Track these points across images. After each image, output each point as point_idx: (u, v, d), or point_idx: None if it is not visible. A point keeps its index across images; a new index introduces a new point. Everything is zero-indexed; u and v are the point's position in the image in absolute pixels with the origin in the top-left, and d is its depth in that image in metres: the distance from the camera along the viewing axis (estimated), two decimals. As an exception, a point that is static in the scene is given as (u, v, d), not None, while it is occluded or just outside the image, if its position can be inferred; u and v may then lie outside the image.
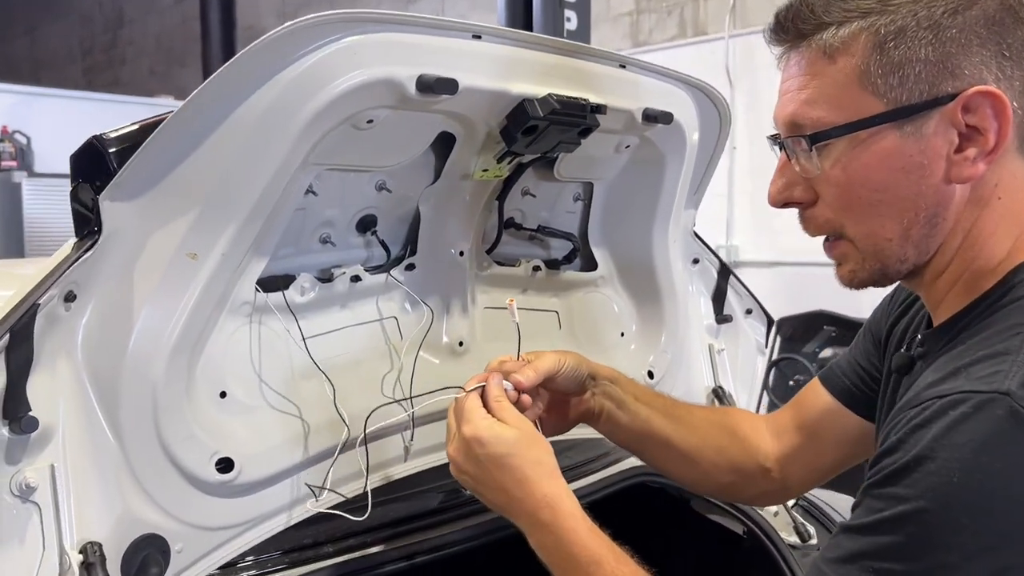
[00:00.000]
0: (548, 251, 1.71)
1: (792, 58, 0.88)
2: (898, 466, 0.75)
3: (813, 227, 0.92)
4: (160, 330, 1.05)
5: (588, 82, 1.35)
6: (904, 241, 0.86)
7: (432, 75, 1.12)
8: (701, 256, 1.88)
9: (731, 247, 5.24)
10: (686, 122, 1.54)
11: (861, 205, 0.86)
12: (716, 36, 5.47)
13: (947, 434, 0.73)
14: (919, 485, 0.73)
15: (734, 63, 5.37)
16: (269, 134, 1.05)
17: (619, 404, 1.29)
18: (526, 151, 1.36)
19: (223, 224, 1.07)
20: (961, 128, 0.81)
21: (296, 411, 1.26)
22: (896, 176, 0.84)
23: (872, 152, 0.84)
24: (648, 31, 6.09)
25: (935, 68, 0.80)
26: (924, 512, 0.72)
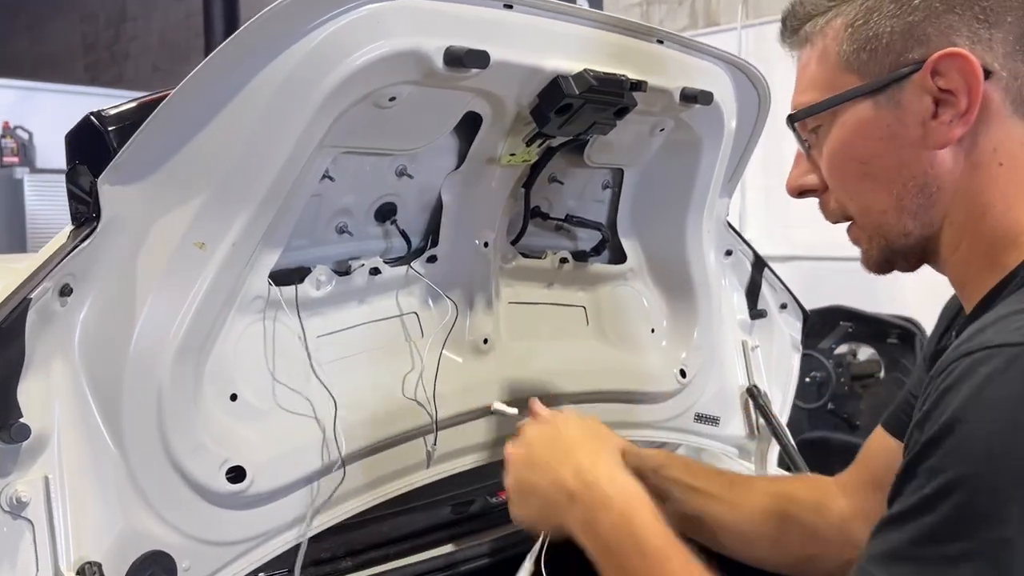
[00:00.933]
0: (575, 242, 1.61)
1: (799, 56, 0.94)
2: (930, 436, 0.70)
3: (826, 213, 0.95)
4: (166, 327, 0.96)
5: (625, 58, 1.25)
6: (900, 212, 0.87)
7: (461, 47, 1.03)
8: (735, 247, 1.79)
9: (744, 241, 5.12)
10: (725, 103, 1.44)
11: (851, 179, 0.89)
12: (728, 27, 5.36)
13: (979, 393, 0.69)
14: (955, 453, 0.68)
15: (747, 54, 5.24)
16: (283, 112, 0.95)
17: (664, 494, 1.18)
18: (558, 133, 1.26)
19: (234, 210, 0.97)
20: (934, 93, 0.82)
21: (313, 414, 1.16)
22: (876, 146, 0.86)
23: (851, 125, 0.87)
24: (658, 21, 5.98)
25: (901, 38, 0.83)
26: (964, 480, 0.67)
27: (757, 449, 1.81)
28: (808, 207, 3.40)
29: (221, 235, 0.97)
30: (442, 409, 1.32)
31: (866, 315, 4.53)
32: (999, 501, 0.65)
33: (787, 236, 5.11)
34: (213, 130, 0.93)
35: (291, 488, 1.12)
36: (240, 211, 0.97)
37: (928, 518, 0.68)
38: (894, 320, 4.48)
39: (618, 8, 5.98)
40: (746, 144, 1.62)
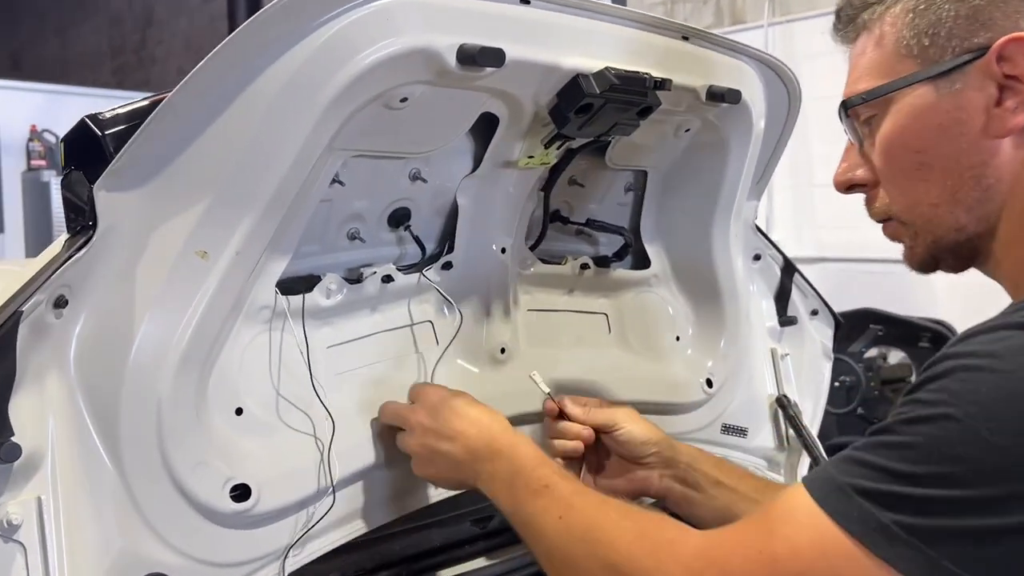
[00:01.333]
0: (597, 247, 1.56)
1: (853, 46, 0.90)
2: (931, 373, 0.71)
3: (871, 209, 0.92)
4: (166, 339, 0.91)
5: (648, 55, 1.20)
6: (953, 205, 0.83)
7: (475, 45, 0.97)
8: (763, 252, 1.72)
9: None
10: (754, 102, 1.38)
11: (904, 170, 0.85)
12: (755, 24, 5.28)
13: (986, 345, 0.69)
14: (945, 391, 0.69)
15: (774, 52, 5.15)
16: (288, 114, 0.91)
17: (695, 487, 1.20)
18: (578, 134, 1.20)
19: (237, 217, 0.93)
20: (999, 79, 0.78)
21: (322, 428, 1.11)
22: (934, 134, 0.82)
23: (908, 112, 0.83)
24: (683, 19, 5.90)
25: (966, 22, 0.79)
26: (945, 418, 0.67)
27: (787, 461, 1.74)
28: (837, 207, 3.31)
29: (224, 243, 0.92)
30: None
31: (897, 318, 4.43)
32: (968, 444, 0.65)
33: (815, 237, 5.01)
34: (214, 133, 0.89)
35: (300, 505, 1.07)
36: (243, 218, 0.93)
37: (893, 438, 0.70)
38: (926, 323, 4.37)
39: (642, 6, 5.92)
40: (775, 145, 1.56)
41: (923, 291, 4.66)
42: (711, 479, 1.20)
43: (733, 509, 1.17)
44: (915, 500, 0.66)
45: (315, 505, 1.10)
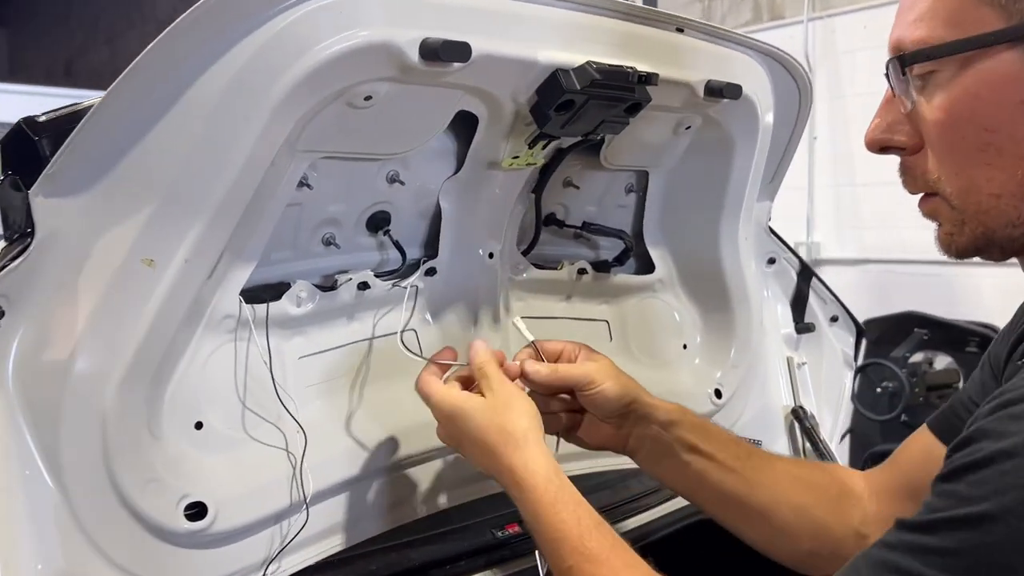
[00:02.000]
0: (596, 251, 1.49)
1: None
2: (970, 460, 0.61)
3: (910, 179, 0.77)
4: (110, 351, 0.87)
5: (637, 48, 1.13)
6: (1020, 198, 0.70)
7: (439, 39, 0.92)
8: (778, 255, 1.63)
9: (812, 244, 4.89)
10: (758, 97, 1.30)
11: (966, 149, 0.70)
12: (794, 20, 5.13)
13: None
14: (988, 485, 0.58)
15: (813, 48, 5.02)
16: (234, 114, 0.86)
17: (667, 450, 1.10)
18: (562, 133, 1.14)
19: (185, 224, 0.88)
20: None
21: (290, 443, 1.07)
22: (1014, 112, 0.67)
23: (985, 79, 0.67)
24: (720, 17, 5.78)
25: None
26: (986, 518, 0.58)
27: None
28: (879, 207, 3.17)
29: (171, 251, 0.88)
30: (439, 436, 1.21)
31: (943, 321, 4.26)
32: (1014, 551, 0.56)
33: (858, 238, 4.85)
34: (157, 135, 0.85)
35: (263, 524, 1.02)
36: (192, 224, 0.88)
37: (931, 540, 0.60)
38: (973, 327, 4.20)
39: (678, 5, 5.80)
40: (787, 141, 1.47)
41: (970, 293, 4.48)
42: (686, 444, 1.10)
43: (706, 478, 1.09)
44: None
45: (287, 522, 1.05)
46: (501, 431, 0.98)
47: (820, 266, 4.74)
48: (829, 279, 1.71)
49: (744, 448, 1.12)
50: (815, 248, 4.93)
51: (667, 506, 1.50)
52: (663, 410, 1.11)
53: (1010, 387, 0.63)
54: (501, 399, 1.01)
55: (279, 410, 1.07)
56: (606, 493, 1.45)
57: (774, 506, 1.06)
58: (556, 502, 0.92)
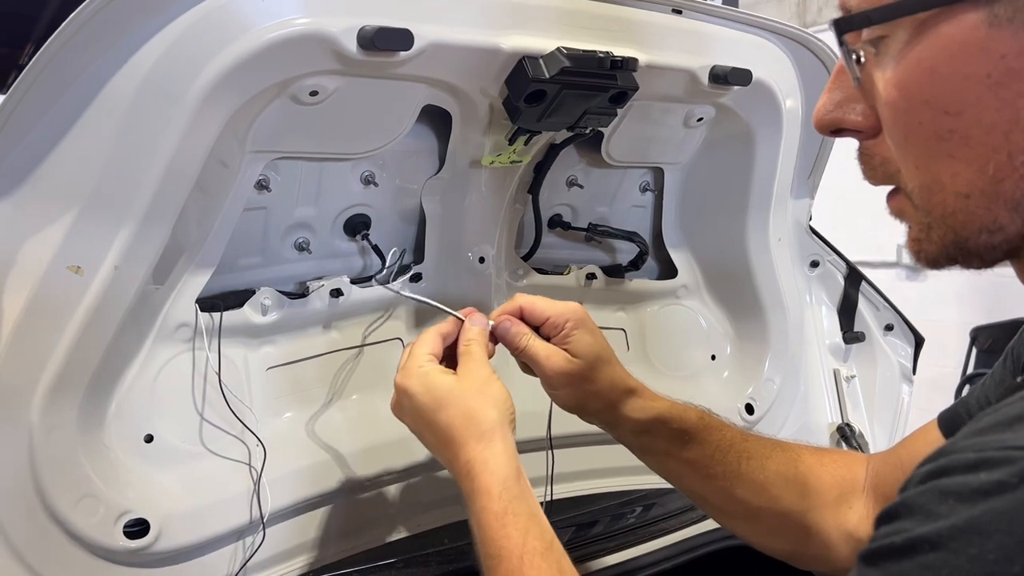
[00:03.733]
0: (611, 255, 1.38)
1: None
2: (890, 544, 0.47)
3: (868, 168, 0.62)
4: (33, 362, 0.84)
5: (626, 33, 1.03)
6: (992, 199, 0.54)
7: (374, 25, 0.85)
8: (822, 257, 1.48)
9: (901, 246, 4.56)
10: (776, 82, 1.18)
11: (924, 137, 0.55)
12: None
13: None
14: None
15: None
16: (153, 112, 0.81)
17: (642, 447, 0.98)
18: (539, 127, 1.05)
19: (111, 229, 0.84)
20: None
21: (250, 457, 1.02)
22: (979, 88, 0.52)
23: (943, 48, 0.53)
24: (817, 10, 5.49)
25: None
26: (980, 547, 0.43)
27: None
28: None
29: (99, 257, 0.84)
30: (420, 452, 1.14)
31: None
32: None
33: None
34: (72, 138, 0.81)
35: (215, 544, 0.98)
36: (119, 229, 0.84)
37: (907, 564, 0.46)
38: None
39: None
40: (822, 132, 1.33)
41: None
42: (661, 450, 0.97)
43: (684, 481, 0.98)
44: None
45: (242, 542, 1.01)
46: (467, 417, 0.85)
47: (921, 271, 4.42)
48: (935, 285, 1.54)
49: (734, 451, 0.97)
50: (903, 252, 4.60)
51: (690, 530, 1.38)
52: (638, 411, 0.97)
53: (949, 447, 0.49)
54: (475, 382, 0.88)
55: (235, 424, 1.02)
56: (613, 517, 1.34)
57: (757, 512, 0.95)
58: (506, 513, 0.80)
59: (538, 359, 0.95)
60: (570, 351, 0.94)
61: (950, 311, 4.35)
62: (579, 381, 0.94)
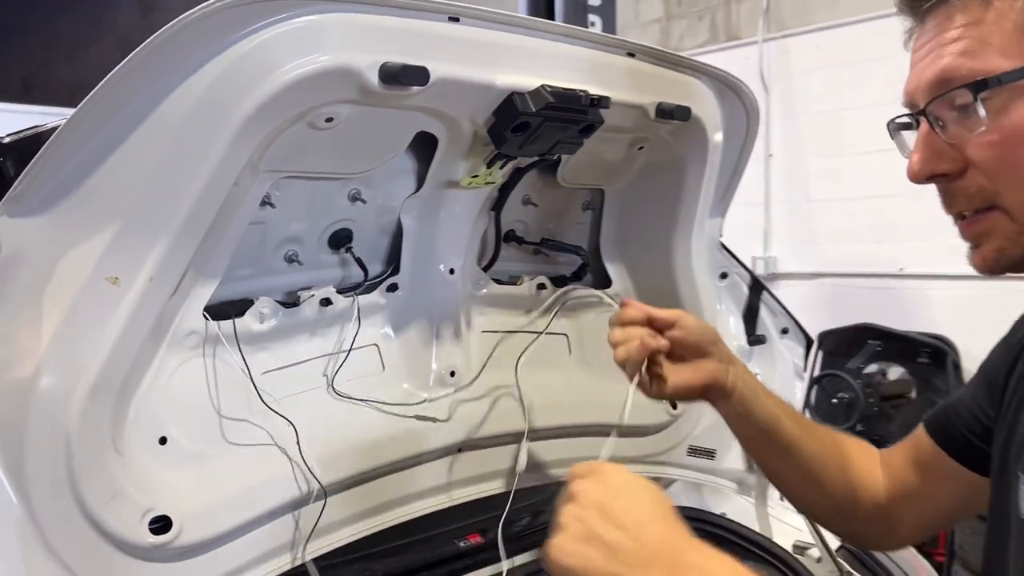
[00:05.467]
0: (555, 267, 1.53)
1: (931, 22, 0.81)
2: None
3: (963, 199, 0.81)
4: (75, 368, 0.89)
5: (590, 72, 1.17)
6: None
7: (397, 63, 0.95)
8: (730, 270, 1.68)
9: (769, 259, 5.00)
10: (708, 118, 1.35)
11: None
12: (749, 40, 5.25)
13: None
14: None
15: (769, 67, 5.15)
16: (199, 135, 0.89)
17: (753, 392, 1.12)
18: (519, 153, 1.18)
19: (149, 242, 0.90)
20: None
21: (253, 457, 1.09)
22: None
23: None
24: (679, 37, 5.89)
25: None
26: None
27: (757, 483, 1.70)
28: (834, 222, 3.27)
29: (136, 269, 0.90)
30: (402, 448, 1.24)
31: (896, 333, 4.37)
32: None
33: (814, 253, 4.96)
34: (123, 156, 0.87)
35: (227, 537, 1.04)
36: (156, 243, 0.90)
37: None
38: (925, 338, 4.31)
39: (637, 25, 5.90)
40: (736, 161, 1.52)
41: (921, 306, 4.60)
42: (760, 387, 1.14)
43: (781, 423, 1.11)
44: None
45: (249, 535, 1.07)
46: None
47: (777, 280, 4.84)
48: (786, 293, 1.77)
49: (791, 407, 1.17)
50: (772, 263, 5.03)
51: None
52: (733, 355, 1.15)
53: None
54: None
55: (243, 425, 1.09)
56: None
57: (826, 462, 1.11)
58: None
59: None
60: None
61: (799, 318, 4.82)
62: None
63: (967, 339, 4.22)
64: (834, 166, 4.90)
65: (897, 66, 0.88)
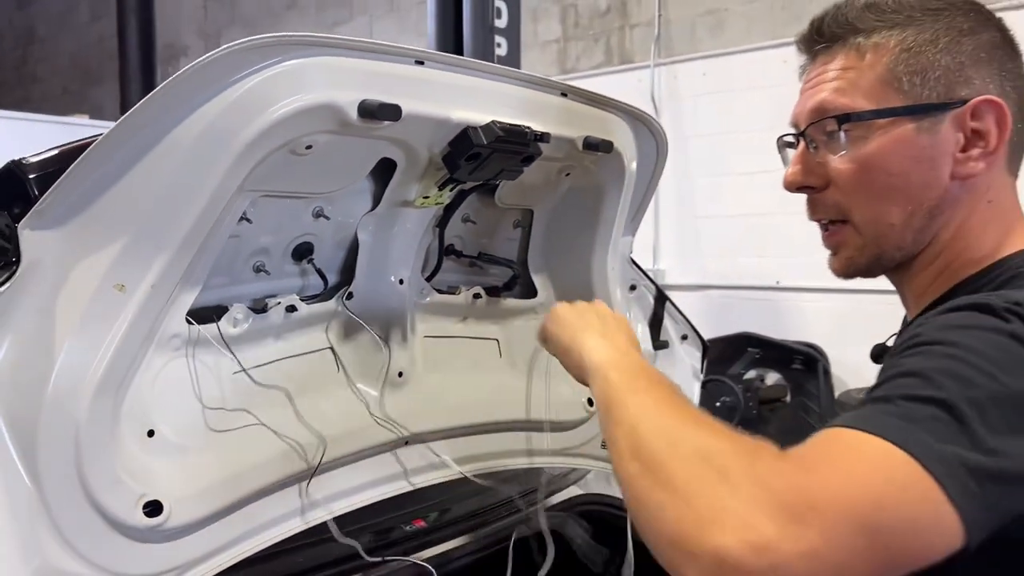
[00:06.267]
0: (489, 278, 1.69)
1: (820, 60, 0.97)
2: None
3: (822, 210, 0.98)
4: (84, 366, 0.99)
5: (530, 110, 1.34)
6: (905, 228, 0.93)
7: (375, 101, 1.09)
8: (638, 282, 1.89)
9: (658, 271, 5.31)
10: (625, 150, 1.55)
11: (874, 188, 0.92)
12: (642, 64, 5.57)
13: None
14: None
15: (659, 91, 5.47)
16: (203, 160, 1.00)
17: None
18: (469, 178, 1.33)
19: (153, 254, 1.01)
20: (967, 131, 0.90)
21: (230, 448, 1.20)
22: (909, 164, 0.91)
23: (892, 139, 0.91)
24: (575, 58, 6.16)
25: (952, 75, 0.90)
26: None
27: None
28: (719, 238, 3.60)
29: (140, 277, 1.01)
30: (357, 441, 1.37)
31: (772, 341, 4.74)
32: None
33: (699, 266, 5.31)
34: (135, 178, 0.98)
35: (209, 520, 1.15)
36: (160, 254, 1.01)
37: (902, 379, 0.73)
38: (798, 346, 4.70)
39: (536, 45, 6.15)
40: (647, 186, 1.72)
41: (796, 317, 5.00)
42: None
43: None
44: None
45: (225, 520, 1.18)
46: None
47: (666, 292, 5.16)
48: (675, 304, 1.98)
49: None
50: (660, 275, 5.35)
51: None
52: None
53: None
54: None
55: (218, 419, 1.20)
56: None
57: None
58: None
59: None
60: None
61: (687, 327, 5.14)
62: None
63: (836, 347, 4.64)
64: (718, 185, 5.27)
65: (774, 95, 1.07)
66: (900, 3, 0.93)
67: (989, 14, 0.94)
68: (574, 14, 6.02)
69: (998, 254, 0.92)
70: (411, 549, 1.41)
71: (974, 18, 0.92)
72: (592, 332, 1.07)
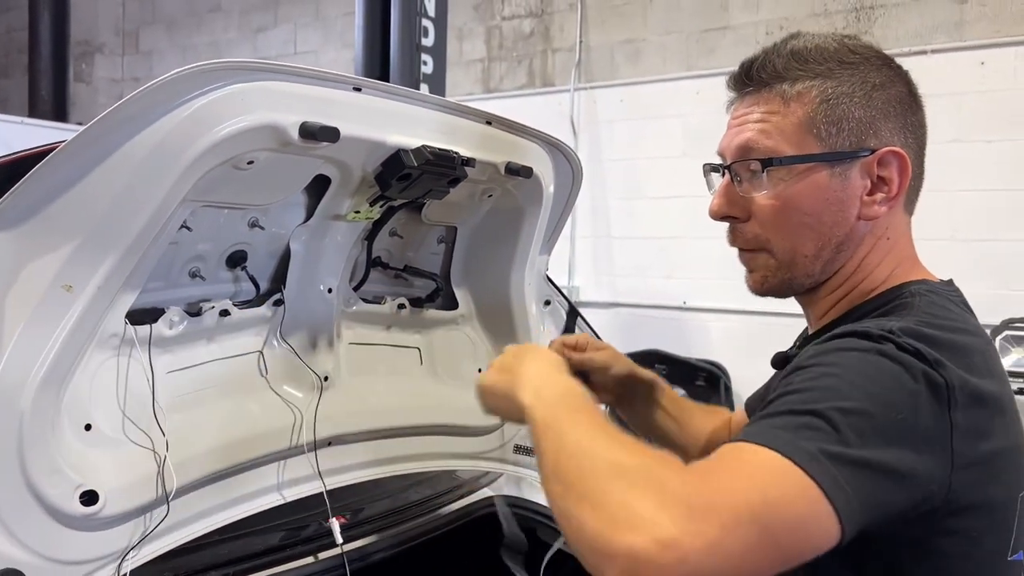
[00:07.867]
0: (413, 290, 1.79)
1: (748, 100, 1.05)
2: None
3: (741, 240, 1.07)
4: (30, 361, 1.04)
5: (457, 136, 1.45)
6: (815, 260, 1.03)
7: (316, 123, 1.19)
8: (552, 298, 2.01)
9: (572, 288, 5.48)
10: (544, 176, 1.67)
11: (791, 224, 1.02)
12: (563, 88, 5.74)
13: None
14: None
15: (578, 114, 5.65)
16: (153, 172, 1.08)
17: (641, 402, 1.41)
18: (399, 196, 1.44)
19: (101, 257, 1.08)
20: (873, 177, 1.00)
21: (161, 444, 1.26)
22: (822, 206, 1.01)
23: (808, 183, 1.00)
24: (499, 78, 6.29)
25: (864, 126, 0.99)
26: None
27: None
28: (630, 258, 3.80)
29: (88, 278, 1.07)
30: (282, 441, 1.45)
31: (678, 358, 4.95)
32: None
33: (612, 284, 5.50)
34: (88, 185, 1.04)
35: (141, 511, 1.21)
36: (107, 257, 1.08)
37: (788, 397, 0.83)
38: (702, 363, 4.93)
39: (461, 63, 6.27)
40: (563, 210, 1.86)
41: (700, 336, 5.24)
42: (654, 400, 1.41)
43: (658, 423, 1.39)
44: None
45: (154, 512, 1.24)
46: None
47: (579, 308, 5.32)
48: (588, 319, 2.12)
49: (685, 405, 1.47)
50: (575, 292, 5.51)
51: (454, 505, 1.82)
52: (646, 378, 1.43)
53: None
54: None
55: (150, 416, 1.26)
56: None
57: (693, 443, 1.40)
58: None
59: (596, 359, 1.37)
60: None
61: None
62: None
63: (737, 365, 4.88)
64: (632, 208, 5.48)
65: (686, 124, 1.17)
66: (822, 55, 1.01)
67: (898, 68, 1.04)
68: (499, 35, 6.17)
69: (888, 284, 1.05)
70: (326, 546, 1.48)
71: (885, 73, 1.01)
72: (517, 385, 1.03)
